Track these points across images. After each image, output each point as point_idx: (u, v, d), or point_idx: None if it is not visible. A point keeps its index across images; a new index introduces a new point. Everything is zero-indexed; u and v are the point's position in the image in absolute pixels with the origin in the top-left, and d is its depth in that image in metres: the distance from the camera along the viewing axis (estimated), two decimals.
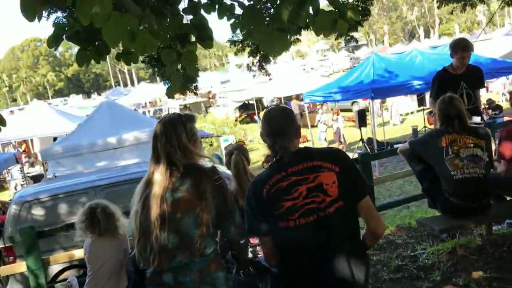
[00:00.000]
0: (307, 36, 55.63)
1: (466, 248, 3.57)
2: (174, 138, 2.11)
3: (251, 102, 24.99)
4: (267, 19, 2.39)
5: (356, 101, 18.25)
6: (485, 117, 12.94)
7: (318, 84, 15.28)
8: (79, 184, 6.28)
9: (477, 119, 4.50)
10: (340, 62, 44.92)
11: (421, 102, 14.55)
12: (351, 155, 12.62)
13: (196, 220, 2.05)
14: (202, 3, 2.93)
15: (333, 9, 2.44)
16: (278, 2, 2.27)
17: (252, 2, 2.31)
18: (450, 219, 3.51)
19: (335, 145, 15.85)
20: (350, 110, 19.40)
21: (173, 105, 27.55)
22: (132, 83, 68.12)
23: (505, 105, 15.08)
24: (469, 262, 3.39)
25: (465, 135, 3.43)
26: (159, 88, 38.11)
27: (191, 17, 2.98)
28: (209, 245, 2.11)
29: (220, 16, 2.94)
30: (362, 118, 13.12)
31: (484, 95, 18.88)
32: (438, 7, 7.33)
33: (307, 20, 2.45)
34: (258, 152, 18.49)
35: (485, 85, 18.60)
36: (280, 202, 2.05)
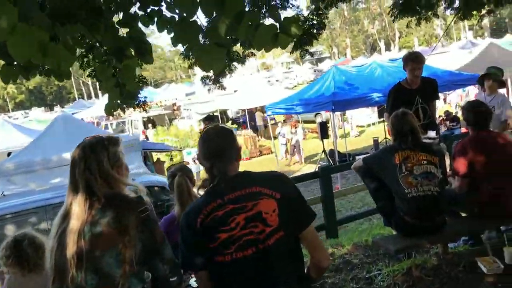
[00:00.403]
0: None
1: (421, 269, 3.47)
2: (95, 164, 1.89)
3: (215, 113, 24.78)
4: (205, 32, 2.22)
5: (319, 113, 18.38)
6: (443, 129, 13.22)
7: (282, 96, 15.29)
8: (28, 203, 5.94)
9: (432, 133, 4.46)
10: (304, 74, 45.42)
11: (381, 114, 14.73)
12: (314, 167, 12.61)
13: (118, 257, 1.83)
14: (139, 15, 2.74)
15: (274, 23, 2.30)
16: (214, 15, 2.11)
17: (185, 14, 2.13)
18: (405, 239, 3.41)
19: (290, 159, 15.81)
20: (314, 122, 19.51)
21: (136, 118, 26.98)
22: (97, 96, 66.64)
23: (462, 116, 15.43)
24: (425, 284, 3.28)
25: (418, 152, 3.35)
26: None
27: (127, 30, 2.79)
28: (134, 285, 1.88)
29: (160, 30, 2.76)
30: (324, 130, 13.17)
31: (442, 107, 19.40)
32: (393, 21, 7.45)
33: (247, 35, 2.30)
34: None
35: (443, 96, 19.10)
36: (216, 234, 1.86)
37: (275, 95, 17.89)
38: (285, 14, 5.72)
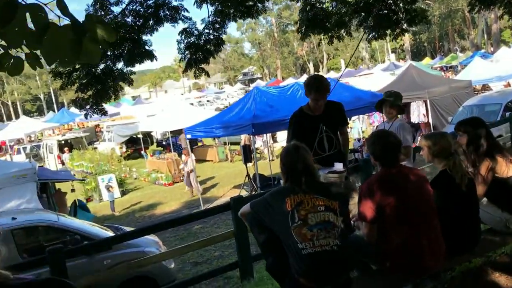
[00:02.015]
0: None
1: None
2: None
3: (139, 136, 23.48)
4: None
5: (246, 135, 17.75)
6: (366, 151, 13.00)
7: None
8: None
9: (339, 166, 3.81)
10: (235, 95, 45.20)
11: None
12: (239, 192, 11.86)
13: None
14: None
15: (71, 24, 1.51)
16: None
17: None
18: None
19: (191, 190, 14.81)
20: (239, 143, 18.88)
21: (51, 141, 25.01)
22: (18, 117, 62.30)
23: None
24: None
25: (313, 196, 2.67)
26: (41, 123, 34.83)
27: None
28: None
29: None
30: (247, 154, 12.58)
31: (365, 128, 19.56)
32: (301, 39, 7.05)
33: (26, 39, 1.49)
34: (144, 191, 17.02)
35: (366, 117, 19.18)
36: None
37: (203, 116, 17.04)
38: (176, 28, 5.00)
